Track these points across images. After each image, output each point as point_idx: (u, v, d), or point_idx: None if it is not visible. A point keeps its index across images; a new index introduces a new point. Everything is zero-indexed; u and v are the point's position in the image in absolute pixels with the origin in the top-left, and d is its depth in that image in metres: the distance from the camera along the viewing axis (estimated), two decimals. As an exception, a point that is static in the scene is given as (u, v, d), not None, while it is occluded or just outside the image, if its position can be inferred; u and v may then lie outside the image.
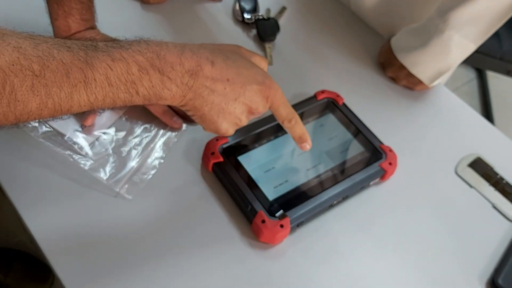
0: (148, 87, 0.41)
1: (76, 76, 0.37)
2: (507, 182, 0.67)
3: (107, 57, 0.39)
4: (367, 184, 0.62)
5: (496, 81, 1.95)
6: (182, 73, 0.43)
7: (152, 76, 0.41)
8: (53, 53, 0.36)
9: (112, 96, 0.40)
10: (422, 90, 0.76)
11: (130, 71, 0.40)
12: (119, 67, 0.39)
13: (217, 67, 0.45)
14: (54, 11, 0.61)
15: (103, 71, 0.39)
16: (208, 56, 0.45)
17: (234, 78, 0.46)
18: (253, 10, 0.80)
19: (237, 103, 0.47)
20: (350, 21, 0.85)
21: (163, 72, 0.42)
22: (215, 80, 0.45)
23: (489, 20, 0.67)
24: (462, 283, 0.58)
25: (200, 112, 0.47)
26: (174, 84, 0.43)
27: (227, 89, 0.46)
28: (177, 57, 0.43)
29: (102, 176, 0.58)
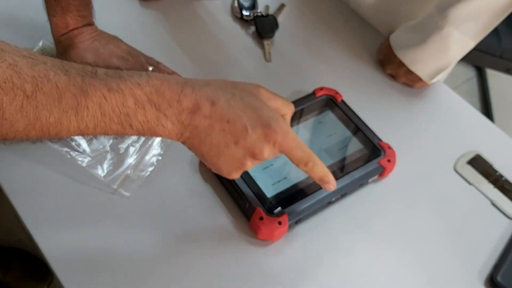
0: (143, 122, 0.40)
1: (68, 102, 0.36)
2: (506, 179, 0.67)
3: (104, 86, 0.38)
4: (366, 181, 0.62)
5: (496, 79, 1.95)
6: (179, 110, 0.41)
7: (148, 111, 0.40)
8: (49, 75, 0.35)
9: (103, 126, 0.39)
10: (421, 87, 0.76)
11: (125, 103, 0.39)
12: (114, 98, 0.38)
13: (217, 107, 0.42)
14: (51, 7, 0.61)
15: (97, 100, 0.37)
16: (209, 95, 0.42)
17: (235, 119, 0.43)
18: (252, 7, 0.80)
19: (238, 147, 0.43)
20: (349, 18, 0.85)
21: (160, 108, 0.40)
22: (213, 121, 0.42)
23: (488, 16, 0.66)
24: (461, 280, 0.58)
25: (199, 151, 0.44)
26: (169, 122, 0.41)
27: (226, 131, 0.43)
28: (176, 94, 0.41)
29: (100, 173, 0.57)
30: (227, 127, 0.43)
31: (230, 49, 0.76)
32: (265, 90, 0.47)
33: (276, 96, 0.47)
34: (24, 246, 1.25)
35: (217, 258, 0.54)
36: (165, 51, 0.73)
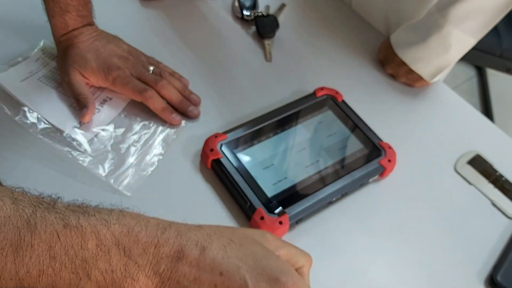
0: (105, 271, 0.31)
1: (7, 236, 0.28)
2: (506, 179, 0.67)
3: (59, 221, 0.30)
4: (366, 181, 0.62)
5: (496, 79, 1.95)
6: (156, 259, 0.32)
7: (113, 257, 0.31)
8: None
9: (51, 273, 0.29)
10: (421, 87, 0.76)
11: (84, 244, 0.30)
12: (70, 236, 0.30)
13: (208, 255, 0.33)
14: (50, 8, 0.61)
15: (47, 238, 0.29)
16: (199, 240, 0.33)
17: (231, 271, 0.33)
18: (253, 7, 0.80)
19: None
20: (349, 18, 0.85)
21: (130, 254, 0.31)
22: (201, 272, 0.33)
23: (488, 14, 0.67)
24: (461, 280, 0.58)
25: None
26: (142, 273, 0.31)
27: (218, 286, 0.33)
28: (155, 237, 0.32)
29: (101, 173, 0.57)
30: (220, 282, 0.33)
31: (231, 49, 0.76)
32: (274, 237, 0.38)
33: (288, 244, 0.39)
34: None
35: (218, 258, 0.54)
36: (165, 50, 0.73)
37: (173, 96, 0.64)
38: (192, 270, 0.33)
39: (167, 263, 0.32)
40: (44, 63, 0.66)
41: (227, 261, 0.33)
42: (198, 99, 0.67)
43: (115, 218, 0.32)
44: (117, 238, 0.31)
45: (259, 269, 0.34)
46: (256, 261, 0.34)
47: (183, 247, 0.33)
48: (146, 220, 0.33)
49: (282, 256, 0.37)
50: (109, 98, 0.64)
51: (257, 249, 0.35)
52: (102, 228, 0.31)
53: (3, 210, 0.29)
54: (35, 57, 0.66)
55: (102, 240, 0.31)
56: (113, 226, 0.31)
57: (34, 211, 0.30)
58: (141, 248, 0.32)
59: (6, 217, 0.29)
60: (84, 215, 0.31)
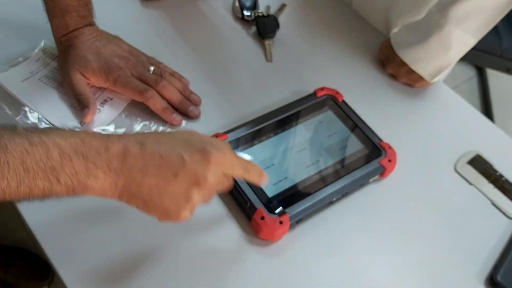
0: (71, 174, 0.37)
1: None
2: (506, 179, 0.67)
3: (25, 141, 0.36)
4: (367, 181, 0.62)
5: (496, 79, 1.95)
6: (108, 158, 0.39)
7: (75, 162, 0.37)
8: None
9: (28, 183, 0.36)
10: (422, 87, 0.76)
11: (50, 155, 0.36)
12: (37, 151, 0.36)
13: (147, 147, 0.41)
14: (50, 9, 0.61)
15: (19, 155, 0.35)
16: (137, 138, 0.41)
17: (168, 153, 0.41)
18: (253, 7, 0.80)
19: (178, 179, 0.41)
20: (350, 18, 0.85)
21: (88, 158, 0.38)
22: (146, 160, 0.40)
23: (489, 13, 0.67)
24: (461, 280, 0.58)
25: (140, 198, 0.41)
26: (100, 171, 0.39)
27: (163, 166, 0.41)
28: (103, 142, 0.40)
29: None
30: (162, 162, 0.41)
31: (231, 49, 0.76)
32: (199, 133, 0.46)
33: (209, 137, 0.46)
34: (25, 245, 1.25)
35: (218, 258, 0.55)
36: (166, 51, 0.73)
37: (174, 96, 0.64)
38: (138, 160, 0.40)
39: (117, 159, 0.40)
40: (44, 63, 0.66)
41: (163, 147, 0.41)
42: (199, 99, 0.67)
43: (69, 133, 0.39)
44: (74, 147, 0.38)
45: (188, 146, 0.42)
46: (184, 142, 0.43)
47: (127, 145, 0.40)
48: (91, 133, 0.40)
49: None
50: (109, 98, 0.64)
51: (183, 135, 0.44)
52: (61, 141, 0.37)
53: None
54: (36, 57, 0.66)
55: (64, 150, 0.37)
56: (69, 139, 0.38)
57: (1, 135, 0.35)
58: (95, 152, 0.39)
59: None
60: (43, 133, 0.37)
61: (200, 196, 0.43)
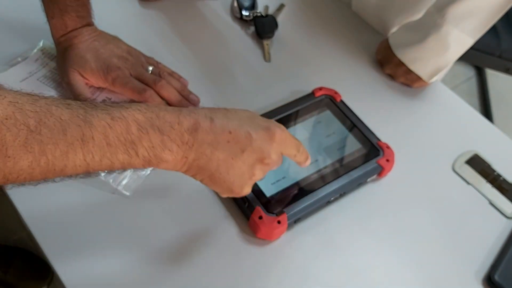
0: (148, 148, 0.40)
1: (73, 134, 0.36)
2: (504, 179, 0.67)
3: (107, 115, 0.38)
4: (365, 181, 0.62)
5: (495, 79, 1.95)
6: (181, 132, 0.41)
7: (152, 136, 0.40)
8: (51, 110, 0.35)
9: (109, 156, 0.38)
10: (420, 87, 0.77)
11: (129, 130, 0.39)
12: (118, 126, 0.38)
13: (216, 122, 0.43)
14: (49, 9, 0.61)
15: (102, 130, 0.37)
16: (206, 113, 0.44)
17: (236, 129, 0.44)
18: (251, 7, 0.80)
19: (245, 154, 0.44)
20: (348, 19, 0.85)
21: (163, 131, 0.40)
22: (216, 135, 0.43)
23: (486, 13, 0.67)
24: (459, 279, 0.58)
25: (207, 172, 0.44)
26: (175, 144, 0.41)
27: (231, 142, 0.43)
28: (176, 116, 0.42)
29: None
30: (231, 138, 0.43)
31: (230, 49, 0.76)
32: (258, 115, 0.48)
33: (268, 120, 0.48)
34: (25, 245, 1.25)
35: (216, 257, 0.55)
36: (165, 51, 0.73)
37: (172, 96, 0.64)
38: (208, 135, 0.43)
39: (189, 133, 0.42)
40: (43, 63, 0.66)
41: (232, 123, 0.44)
42: (197, 99, 0.67)
43: (144, 107, 0.40)
44: (150, 121, 0.40)
45: (254, 124, 0.45)
46: (251, 119, 0.46)
47: (198, 120, 0.42)
48: (164, 106, 0.42)
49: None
50: (108, 98, 0.65)
51: (247, 113, 0.47)
52: (139, 115, 0.40)
53: (64, 114, 0.36)
54: (35, 58, 0.66)
55: (141, 125, 0.39)
56: (146, 113, 0.40)
57: (85, 111, 0.37)
58: (169, 126, 0.41)
59: (69, 120, 0.36)
60: (122, 108, 0.39)
61: (261, 172, 0.46)
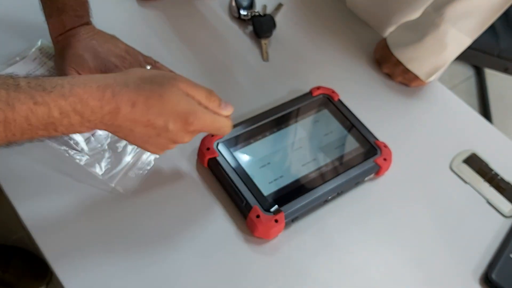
0: (67, 126, 0.43)
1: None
2: (501, 178, 0.67)
3: (29, 100, 0.40)
4: (362, 180, 0.63)
5: (494, 79, 1.95)
6: (102, 114, 0.44)
7: (72, 118, 0.43)
8: None
9: (30, 133, 0.41)
10: (417, 86, 0.77)
11: (51, 114, 0.41)
12: (40, 111, 0.40)
13: (137, 109, 0.45)
14: (47, 8, 0.61)
15: (24, 113, 0.40)
16: (130, 97, 0.45)
17: (155, 119, 0.46)
18: (250, 7, 0.80)
19: (160, 138, 0.48)
20: (346, 18, 0.85)
21: (83, 115, 0.43)
22: (134, 121, 0.46)
23: (484, 13, 0.67)
24: (456, 278, 0.58)
25: (126, 139, 0.49)
26: (93, 124, 0.44)
27: (148, 129, 0.46)
28: (99, 100, 0.43)
29: (98, 171, 0.58)
30: (149, 125, 0.46)
31: (228, 49, 0.76)
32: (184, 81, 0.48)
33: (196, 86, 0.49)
34: (24, 244, 1.25)
35: (214, 256, 0.55)
36: (163, 50, 0.73)
37: (170, 95, 0.64)
38: (127, 120, 0.45)
39: (110, 116, 0.44)
40: (41, 62, 0.66)
41: (151, 111, 0.45)
42: (195, 98, 0.67)
43: (68, 90, 0.42)
44: (73, 107, 0.42)
45: (174, 113, 0.46)
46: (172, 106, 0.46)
47: (118, 105, 0.44)
48: (89, 86, 0.43)
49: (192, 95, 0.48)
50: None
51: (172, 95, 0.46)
52: (61, 101, 0.41)
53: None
54: (33, 57, 0.66)
55: (63, 109, 0.42)
56: (68, 98, 0.42)
57: (7, 93, 0.39)
58: (90, 111, 0.43)
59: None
60: (45, 92, 0.41)
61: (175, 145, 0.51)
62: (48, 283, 1.22)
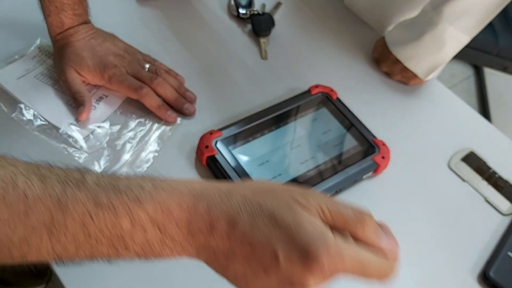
0: (142, 245, 0.31)
1: (39, 218, 0.29)
2: (499, 176, 0.68)
3: (90, 200, 0.30)
4: (360, 178, 0.63)
5: (493, 78, 1.96)
6: (190, 233, 0.32)
7: (149, 233, 0.31)
8: (16, 181, 0.28)
9: (89, 249, 0.30)
10: (416, 85, 0.77)
11: (118, 224, 0.30)
12: (103, 216, 0.30)
13: (236, 229, 0.32)
14: (46, 7, 0.61)
15: (79, 217, 0.29)
16: (229, 213, 0.32)
17: (261, 243, 0.31)
18: (248, 5, 0.80)
19: (269, 276, 0.32)
20: (344, 17, 0.85)
21: (165, 230, 0.32)
22: (233, 244, 0.32)
23: (482, 11, 0.67)
24: (454, 276, 0.58)
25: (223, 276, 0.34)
26: (178, 245, 0.32)
27: (252, 259, 0.32)
28: (187, 212, 0.32)
29: (97, 169, 0.58)
30: (251, 253, 0.32)
31: (227, 47, 0.77)
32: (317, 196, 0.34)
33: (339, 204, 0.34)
34: (23, 243, 1.25)
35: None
36: (161, 48, 0.73)
37: (169, 94, 0.64)
38: (223, 241, 0.32)
39: (200, 236, 0.32)
40: (40, 60, 0.66)
41: (257, 232, 0.32)
42: (194, 97, 0.67)
43: (148, 194, 0.31)
44: (151, 216, 0.31)
45: (289, 240, 0.31)
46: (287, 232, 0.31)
47: (214, 222, 0.32)
48: (178, 191, 0.33)
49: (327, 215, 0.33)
50: (105, 95, 0.65)
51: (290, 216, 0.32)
52: (135, 207, 0.31)
53: (32, 190, 0.29)
54: (32, 55, 0.67)
55: (136, 220, 0.31)
56: (146, 205, 0.31)
57: (63, 189, 0.30)
58: (174, 224, 0.32)
59: (36, 198, 0.29)
60: (115, 193, 0.31)
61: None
62: (48, 282, 1.22)
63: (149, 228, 0.31)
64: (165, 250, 0.32)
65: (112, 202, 0.30)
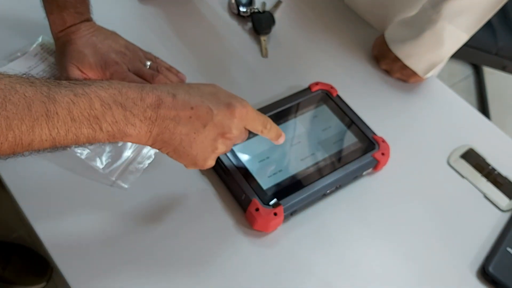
0: (112, 123, 0.41)
1: (38, 110, 0.37)
2: (498, 172, 0.68)
3: (70, 92, 0.39)
4: (360, 174, 0.63)
5: (493, 77, 1.96)
6: (144, 107, 0.43)
7: (115, 111, 0.41)
8: (15, 87, 0.36)
9: (74, 131, 0.40)
10: (415, 83, 0.77)
11: (92, 106, 0.40)
12: (81, 101, 0.39)
13: (178, 98, 0.45)
14: (48, 5, 0.61)
15: (66, 106, 0.39)
16: (169, 90, 0.45)
17: (198, 105, 0.45)
18: (249, 3, 0.80)
19: (207, 129, 0.46)
20: (344, 14, 0.86)
21: (126, 107, 0.42)
22: (178, 111, 0.44)
23: (481, 9, 0.67)
24: (454, 272, 0.59)
25: (171, 146, 0.46)
26: (137, 119, 0.43)
27: (193, 117, 0.45)
28: (138, 93, 0.43)
29: (99, 165, 0.58)
30: (193, 113, 0.45)
31: (227, 45, 0.77)
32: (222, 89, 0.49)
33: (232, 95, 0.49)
34: (24, 241, 1.26)
35: (213, 249, 0.55)
36: (162, 46, 0.74)
37: (170, 91, 0.65)
38: (170, 111, 0.44)
39: (152, 109, 0.43)
40: (42, 58, 0.67)
41: (193, 99, 0.45)
42: (195, 94, 0.68)
43: (107, 84, 0.42)
44: (113, 97, 0.41)
45: (216, 100, 0.47)
46: (212, 96, 0.47)
47: (160, 96, 0.44)
48: (127, 83, 0.43)
49: None
50: (106, 92, 0.65)
51: (210, 89, 0.48)
52: (101, 92, 0.41)
53: (27, 91, 0.37)
54: (34, 52, 0.67)
55: (104, 101, 0.41)
56: (108, 90, 0.41)
57: (48, 88, 0.38)
58: (131, 102, 0.42)
59: (32, 96, 0.37)
60: (85, 85, 0.41)
61: (224, 146, 0.48)
62: (48, 280, 1.23)
63: (114, 107, 0.41)
64: (129, 127, 0.42)
65: (85, 91, 0.40)
